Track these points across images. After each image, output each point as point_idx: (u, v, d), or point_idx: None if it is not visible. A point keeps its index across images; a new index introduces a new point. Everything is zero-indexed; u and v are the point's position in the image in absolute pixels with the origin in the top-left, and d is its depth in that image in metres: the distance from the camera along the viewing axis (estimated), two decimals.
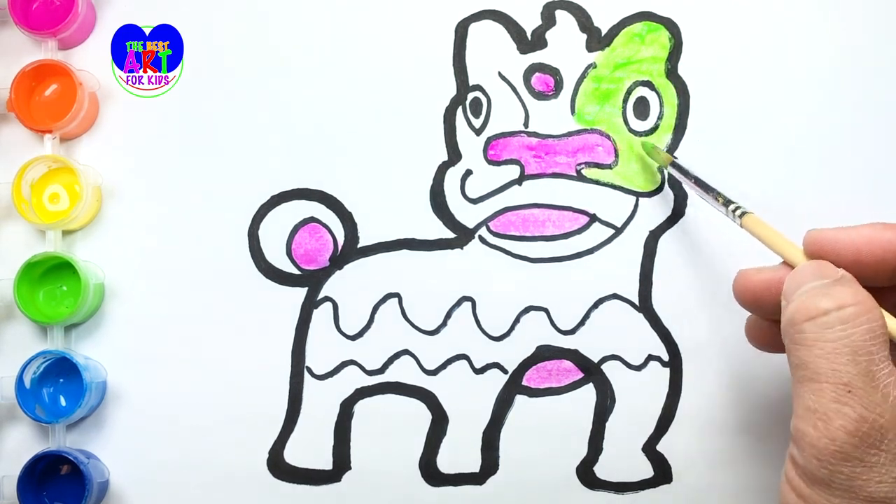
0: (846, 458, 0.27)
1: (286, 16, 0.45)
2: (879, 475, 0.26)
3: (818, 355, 0.28)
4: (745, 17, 0.44)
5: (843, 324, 0.28)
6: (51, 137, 0.44)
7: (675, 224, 0.43)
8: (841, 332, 0.28)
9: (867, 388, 0.27)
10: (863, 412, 0.27)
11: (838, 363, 0.27)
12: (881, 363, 0.27)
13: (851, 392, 0.27)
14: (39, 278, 0.43)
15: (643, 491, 0.43)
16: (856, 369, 0.27)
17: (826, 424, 0.27)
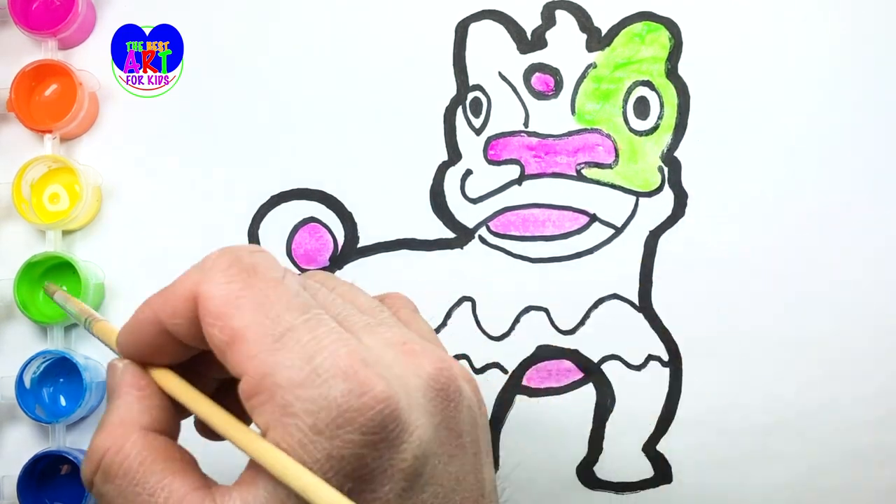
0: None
1: (286, 16, 0.45)
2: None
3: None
4: (745, 17, 0.44)
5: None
6: (51, 137, 0.44)
7: (675, 224, 0.43)
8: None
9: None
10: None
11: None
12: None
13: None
14: (39, 278, 0.43)
15: (643, 491, 0.43)
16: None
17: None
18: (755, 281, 0.43)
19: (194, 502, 0.25)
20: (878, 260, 0.43)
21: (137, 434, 0.26)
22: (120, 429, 0.26)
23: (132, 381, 0.28)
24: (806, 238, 0.43)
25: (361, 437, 0.23)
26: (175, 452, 0.27)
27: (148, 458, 0.26)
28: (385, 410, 0.23)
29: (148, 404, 0.27)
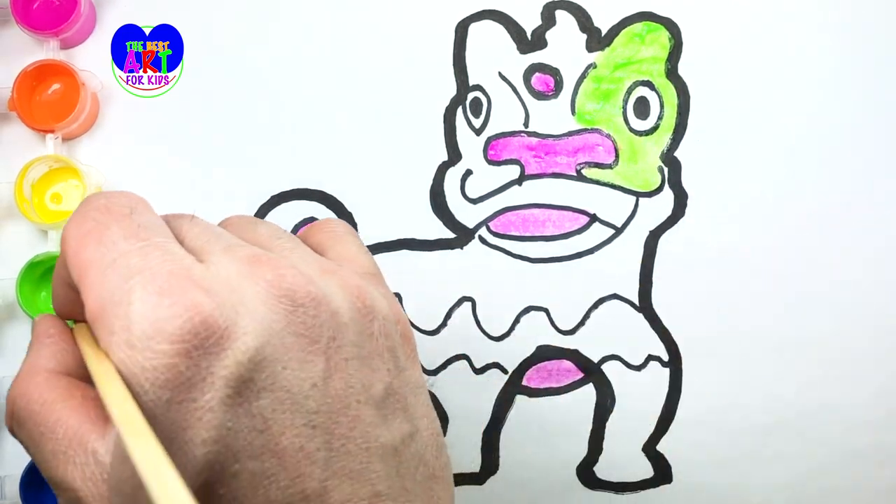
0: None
1: (286, 16, 0.45)
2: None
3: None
4: (745, 17, 0.44)
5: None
6: (53, 137, 0.44)
7: (675, 224, 0.43)
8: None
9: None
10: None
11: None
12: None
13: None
14: (41, 278, 0.43)
15: (643, 491, 0.43)
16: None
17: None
18: (755, 281, 0.43)
19: (85, 434, 0.25)
20: (878, 260, 0.43)
21: (41, 377, 0.27)
22: (27, 375, 0.27)
23: (42, 329, 0.29)
24: (806, 238, 0.43)
25: (171, 347, 0.23)
26: (77, 390, 0.27)
27: (49, 398, 0.26)
28: (196, 318, 0.23)
29: (55, 349, 0.28)
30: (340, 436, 0.25)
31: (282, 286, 0.25)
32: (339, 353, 0.26)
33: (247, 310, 0.25)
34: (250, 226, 0.30)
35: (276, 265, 0.26)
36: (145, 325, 0.23)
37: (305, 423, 0.25)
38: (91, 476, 0.25)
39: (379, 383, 0.27)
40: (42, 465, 0.26)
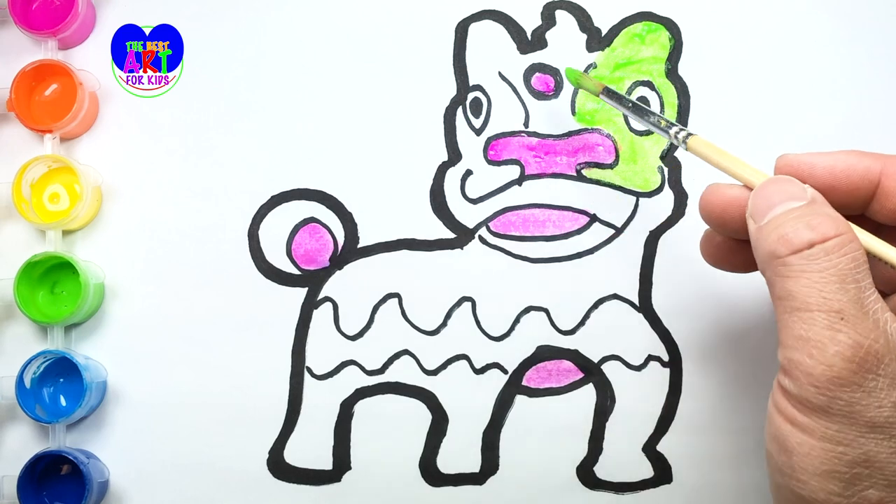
0: (844, 384, 0.27)
1: (286, 16, 0.45)
2: (878, 400, 0.26)
3: (806, 285, 0.28)
4: (745, 17, 0.44)
5: (828, 255, 0.28)
6: (51, 137, 0.44)
7: (675, 224, 0.43)
8: (827, 262, 0.28)
9: (859, 315, 0.27)
10: (858, 338, 0.27)
11: (828, 292, 0.27)
12: (867, 290, 0.27)
13: (844, 319, 0.27)
14: (39, 278, 0.43)
15: (643, 491, 0.43)
16: (846, 297, 0.27)
17: (821, 352, 0.27)
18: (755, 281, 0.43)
19: (892, 321, 0.27)
20: None
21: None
22: (846, 225, 0.29)
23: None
24: None
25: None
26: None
27: (865, 262, 0.28)
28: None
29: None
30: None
31: None
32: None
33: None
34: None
35: None
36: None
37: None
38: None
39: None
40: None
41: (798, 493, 0.28)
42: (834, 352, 0.27)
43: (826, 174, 0.32)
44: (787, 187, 0.31)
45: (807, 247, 0.28)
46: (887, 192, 0.32)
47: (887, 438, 0.26)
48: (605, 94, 0.40)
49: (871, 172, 0.32)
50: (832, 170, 0.32)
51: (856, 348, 0.26)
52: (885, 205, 0.32)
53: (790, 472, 0.28)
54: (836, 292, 0.27)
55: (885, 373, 0.26)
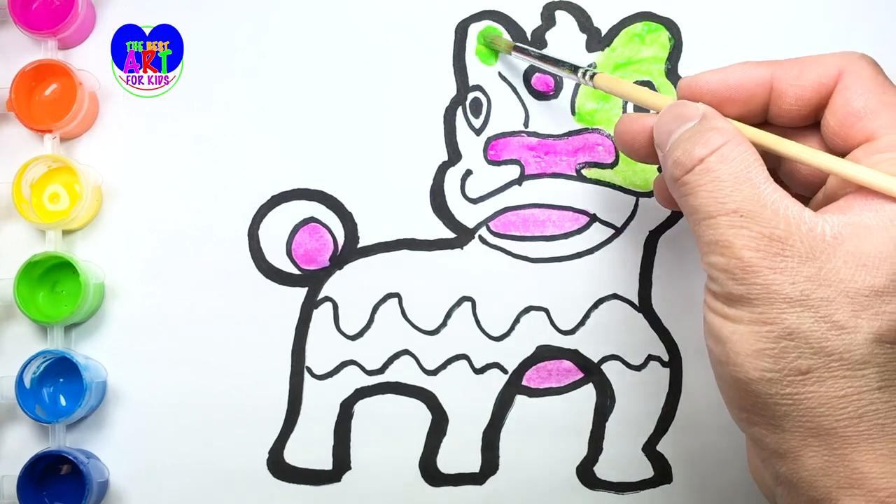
0: (756, 271, 0.29)
1: (286, 16, 0.45)
2: (791, 277, 0.29)
3: (704, 196, 0.30)
4: (745, 17, 0.44)
5: (719, 164, 0.30)
6: (51, 137, 0.44)
7: (675, 224, 0.43)
8: (717, 171, 0.30)
9: (756, 209, 0.29)
10: (759, 229, 0.29)
11: (723, 196, 0.30)
12: (762, 185, 0.30)
13: (743, 216, 0.29)
14: (39, 278, 0.43)
15: (643, 491, 0.43)
16: (740, 196, 0.29)
17: (730, 249, 0.29)
18: None
19: (792, 205, 0.29)
20: None
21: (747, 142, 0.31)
22: (733, 132, 0.31)
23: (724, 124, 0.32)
24: None
25: None
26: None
27: (757, 160, 0.30)
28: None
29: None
30: None
31: None
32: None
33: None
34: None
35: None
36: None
37: None
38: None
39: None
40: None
41: (736, 377, 0.30)
42: (741, 245, 0.29)
43: (721, 87, 0.34)
44: (681, 110, 0.33)
45: (698, 163, 0.30)
46: (779, 93, 0.34)
47: (806, 309, 0.28)
48: (516, 50, 0.42)
49: (763, 78, 0.34)
50: (726, 82, 0.34)
51: (758, 238, 0.29)
52: (781, 105, 0.34)
53: (726, 359, 0.30)
54: (731, 194, 0.30)
55: (792, 252, 0.29)
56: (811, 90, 0.33)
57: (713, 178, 0.30)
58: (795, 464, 0.30)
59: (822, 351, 0.28)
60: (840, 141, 0.32)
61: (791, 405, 0.29)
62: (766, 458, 0.31)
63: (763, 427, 0.30)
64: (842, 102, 0.32)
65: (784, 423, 0.29)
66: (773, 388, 0.29)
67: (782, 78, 0.34)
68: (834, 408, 0.29)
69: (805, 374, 0.29)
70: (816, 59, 0.33)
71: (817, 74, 0.33)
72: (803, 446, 0.29)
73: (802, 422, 0.29)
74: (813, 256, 0.29)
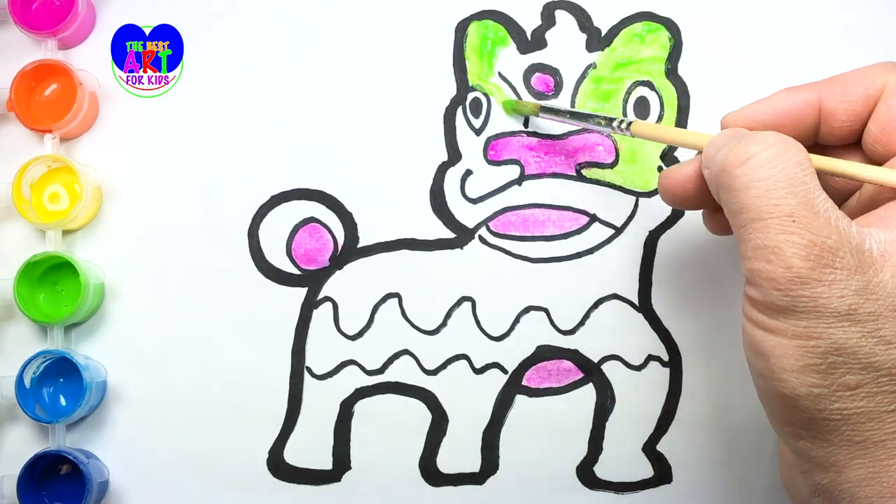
0: (805, 281, 0.28)
1: (286, 16, 0.45)
2: (839, 290, 0.28)
3: (756, 195, 0.29)
4: (745, 17, 0.44)
5: (772, 160, 0.29)
6: (51, 137, 0.44)
7: (675, 224, 0.43)
8: (772, 168, 0.29)
9: (809, 215, 0.28)
10: (811, 237, 0.28)
11: (777, 197, 0.28)
12: (816, 191, 0.29)
13: (796, 221, 0.28)
14: (39, 278, 0.43)
15: (643, 491, 0.43)
16: (795, 199, 0.28)
17: (779, 256, 0.28)
18: None
19: (841, 217, 0.28)
20: None
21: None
22: (787, 137, 0.30)
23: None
24: None
25: None
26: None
27: (811, 166, 0.29)
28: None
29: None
30: None
31: None
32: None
33: None
34: None
35: None
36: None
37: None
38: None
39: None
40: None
41: (781, 393, 0.29)
42: (791, 253, 0.28)
43: (769, 116, 0.34)
44: (733, 132, 0.32)
45: (752, 157, 0.29)
46: (829, 112, 0.33)
47: (853, 324, 0.28)
48: (543, 111, 0.41)
49: (811, 99, 0.33)
50: (774, 111, 0.34)
51: (810, 247, 0.28)
52: (833, 124, 0.33)
53: (770, 374, 0.29)
54: (785, 197, 0.28)
55: (842, 265, 0.28)
56: (861, 104, 0.33)
57: (768, 175, 0.29)
58: (839, 475, 0.29)
59: (870, 366, 0.28)
60: (881, 148, 0.32)
61: (840, 420, 0.28)
62: (807, 470, 0.31)
63: (809, 441, 0.30)
64: (885, 109, 0.32)
65: (832, 437, 0.29)
66: (822, 403, 0.28)
67: (829, 97, 0.33)
68: (883, 422, 0.28)
69: (854, 389, 0.28)
70: (858, 74, 0.33)
71: (864, 88, 0.32)
72: (849, 459, 0.29)
73: (851, 436, 0.29)
74: (861, 270, 0.28)
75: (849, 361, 0.28)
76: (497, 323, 0.43)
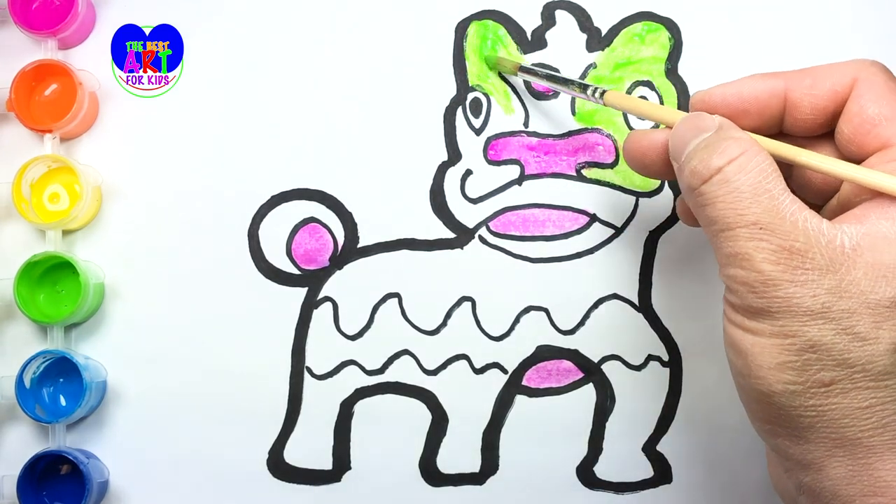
0: (777, 284, 0.29)
1: (286, 16, 0.45)
2: (812, 289, 0.28)
3: (722, 208, 0.30)
4: (745, 17, 0.44)
5: (736, 174, 0.30)
6: (51, 137, 0.44)
7: (675, 224, 0.43)
8: (736, 182, 0.30)
9: (776, 221, 0.29)
10: (779, 242, 0.29)
11: (742, 208, 0.29)
12: (781, 196, 0.29)
13: (763, 228, 0.29)
14: (39, 278, 0.43)
15: (643, 491, 0.43)
16: (759, 208, 0.29)
17: (750, 262, 0.29)
18: None
19: (810, 217, 0.29)
20: None
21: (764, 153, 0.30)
22: (750, 142, 0.31)
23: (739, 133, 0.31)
24: None
25: None
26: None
27: (775, 171, 0.30)
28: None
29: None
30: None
31: None
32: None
33: None
34: None
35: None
36: None
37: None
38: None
39: None
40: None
41: (759, 390, 0.30)
42: (761, 259, 0.29)
43: (736, 99, 0.34)
44: (697, 122, 0.32)
45: (716, 173, 0.30)
46: (794, 103, 0.34)
47: (827, 322, 0.28)
48: (522, 70, 0.42)
49: (777, 88, 0.34)
50: (740, 94, 0.34)
51: (779, 252, 0.29)
52: (796, 115, 0.34)
53: (748, 371, 0.30)
54: (750, 206, 0.29)
55: (812, 265, 0.28)
56: (826, 99, 0.33)
57: (732, 188, 0.30)
58: (819, 474, 0.30)
59: (844, 363, 0.28)
60: (855, 148, 0.32)
61: (815, 417, 0.29)
62: (789, 469, 0.31)
63: (787, 438, 0.30)
64: (856, 110, 0.32)
65: (808, 435, 0.29)
66: (797, 400, 0.29)
67: (796, 88, 0.33)
68: (858, 419, 0.29)
69: (828, 385, 0.29)
70: (829, 68, 0.33)
71: (832, 83, 0.33)
72: (827, 457, 0.29)
73: (827, 433, 0.29)
74: (833, 268, 0.28)
75: (823, 358, 0.28)
76: (497, 323, 0.43)
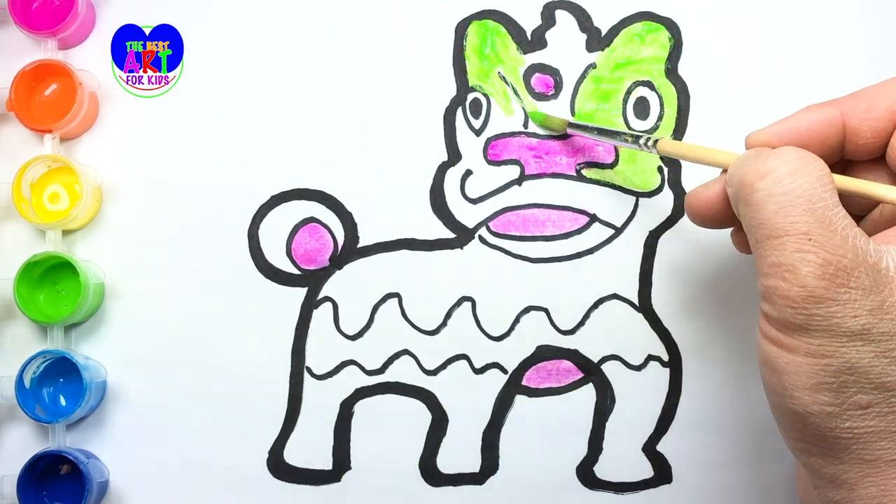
0: (819, 300, 0.28)
1: (286, 16, 0.45)
2: (853, 310, 0.28)
3: (774, 211, 0.29)
4: (745, 17, 0.44)
5: (792, 175, 0.29)
6: (51, 137, 0.44)
7: (675, 224, 0.43)
8: (791, 184, 0.29)
9: (826, 234, 0.28)
10: (827, 256, 0.28)
11: (794, 214, 0.28)
12: (835, 208, 0.28)
13: (812, 240, 0.28)
14: (39, 278, 0.43)
15: (643, 491, 0.43)
16: (812, 217, 0.28)
17: (794, 274, 0.28)
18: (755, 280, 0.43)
19: (859, 235, 0.28)
20: None
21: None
22: (808, 152, 0.30)
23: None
24: None
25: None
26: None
27: (831, 182, 0.29)
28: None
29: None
30: None
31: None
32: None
33: None
34: None
35: None
36: None
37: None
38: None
39: None
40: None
41: (793, 410, 0.29)
42: (806, 272, 0.28)
43: (794, 136, 0.33)
44: (759, 151, 0.32)
45: (771, 171, 0.29)
46: (853, 130, 0.33)
47: (866, 344, 0.28)
48: (570, 127, 0.42)
49: (834, 118, 0.33)
50: (797, 130, 0.33)
51: (825, 266, 0.28)
52: (857, 141, 0.33)
53: (782, 390, 0.29)
54: (803, 214, 0.28)
55: (857, 284, 0.28)
56: (885, 120, 0.32)
57: (787, 190, 0.29)
58: (851, 493, 0.29)
59: (882, 386, 0.28)
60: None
61: (851, 439, 0.28)
62: (819, 486, 0.31)
63: (820, 458, 0.30)
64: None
65: (843, 456, 0.29)
66: (833, 422, 0.28)
67: (853, 114, 0.33)
68: (894, 441, 0.28)
69: (865, 408, 0.28)
70: (881, 89, 0.33)
71: (888, 104, 0.32)
72: (860, 477, 0.29)
73: (862, 454, 0.29)
74: (876, 290, 0.28)
75: (861, 381, 0.28)
76: (497, 323, 0.43)
